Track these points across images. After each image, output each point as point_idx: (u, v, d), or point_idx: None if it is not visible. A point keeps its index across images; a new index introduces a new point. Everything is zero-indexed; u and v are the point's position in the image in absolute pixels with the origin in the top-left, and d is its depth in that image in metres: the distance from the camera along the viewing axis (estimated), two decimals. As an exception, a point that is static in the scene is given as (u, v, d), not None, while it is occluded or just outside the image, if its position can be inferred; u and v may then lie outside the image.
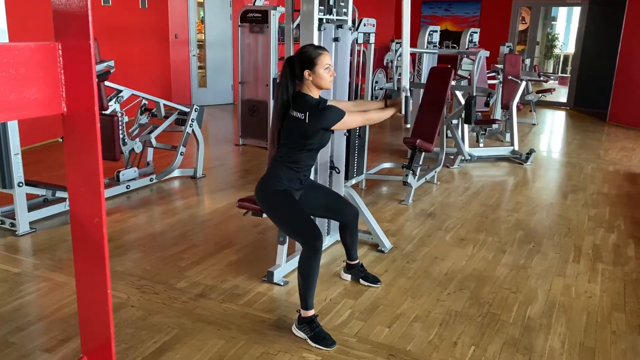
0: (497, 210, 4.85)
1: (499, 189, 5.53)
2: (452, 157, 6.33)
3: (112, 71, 4.49)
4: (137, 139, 5.13)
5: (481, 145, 6.76)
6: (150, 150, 5.58)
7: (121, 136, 4.90)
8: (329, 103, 2.88)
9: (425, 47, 6.33)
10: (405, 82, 2.91)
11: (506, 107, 7.11)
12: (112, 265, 3.50)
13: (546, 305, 3.18)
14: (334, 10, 3.44)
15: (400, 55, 6.13)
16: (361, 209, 3.87)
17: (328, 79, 2.74)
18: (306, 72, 2.71)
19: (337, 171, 3.69)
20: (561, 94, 12.58)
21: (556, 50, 16.95)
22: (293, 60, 2.74)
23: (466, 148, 6.36)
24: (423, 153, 5.09)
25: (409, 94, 2.93)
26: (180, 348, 2.64)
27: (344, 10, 3.52)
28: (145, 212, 4.59)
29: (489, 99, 5.32)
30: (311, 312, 2.74)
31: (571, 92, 11.83)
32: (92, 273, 1.19)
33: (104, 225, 1.18)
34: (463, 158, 6.26)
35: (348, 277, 3.39)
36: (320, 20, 3.34)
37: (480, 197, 5.21)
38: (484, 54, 5.71)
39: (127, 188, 4.99)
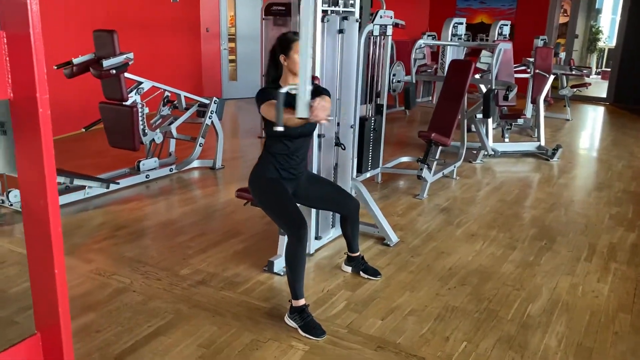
0: (514, 206, 4.75)
1: (520, 185, 5.41)
2: (475, 151, 6.22)
3: (130, 63, 4.60)
4: (158, 130, 5.25)
5: (506, 140, 6.61)
6: (172, 142, 5.70)
7: (141, 127, 5.02)
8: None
9: (449, 39, 6.23)
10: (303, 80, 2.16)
11: (535, 101, 6.93)
12: (121, 251, 3.61)
13: (548, 303, 3.11)
14: (340, 1, 3.43)
15: (418, 47, 6.07)
16: (367, 201, 3.87)
17: None
18: (282, 57, 2.73)
19: (343, 147, 3.66)
20: (602, 89, 12.16)
21: (600, 44, 16.36)
22: (274, 47, 2.77)
23: (490, 143, 6.24)
24: (440, 147, 5.03)
25: (283, 91, 2.29)
26: (173, 333, 2.70)
27: (351, 1, 3.51)
28: (161, 200, 4.71)
29: (508, 92, 5.20)
30: (302, 302, 2.77)
31: (611, 87, 11.42)
32: (41, 253, 1.24)
33: (50, 207, 1.23)
34: (486, 153, 6.14)
35: (349, 269, 3.40)
36: (325, 11, 3.34)
37: (498, 193, 5.11)
38: (504, 46, 5.58)
39: (146, 177, 5.12)
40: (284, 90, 2.28)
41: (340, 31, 3.45)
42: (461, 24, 6.37)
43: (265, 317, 2.87)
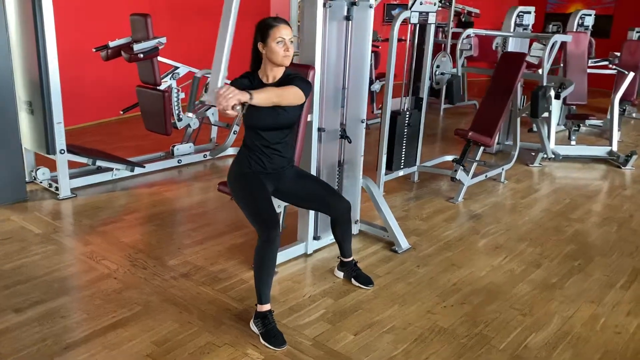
0: (558, 217, 4.25)
1: (575, 193, 4.84)
2: (533, 153, 5.67)
3: (160, 47, 4.60)
4: (194, 115, 5.24)
5: (573, 142, 5.97)
6: (214, 128, 5.69)
7: (176, 112, 5.04)
8: None
9: (512, 30, 5.70)
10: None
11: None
12: (120, 236, 3.61)
13: (556, 334, 2.70)
14: (350, -15, 3.17)
15: (465, 37, 5.58)
16: (378, 202, 3.60)
17: (281, 53, 2.52)
18: (260, 45, 2.54)
19: (349, 141, 3.41)
20: None
21: None
22: (255, 33, 2.58)
23: (551, 145, 5.66)
24: (481, 147, 4.60)
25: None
26: (133, 326, 2.63)
27: (364, -15, 3.22)
28: (184, 187, 4.69)
29: (560, 90, 4.64)
30: (266, 308, 2.59)
31: None
32: None
33: None
34: (545, 156, 5.58)
35: (341, 275, 3.17)
36: (330, -4, 3.09)
37: (546, 202, 4.61)
38: (561, 38, 4.98)
39: (178, 162, 5.14)
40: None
41: (347, 18, 3.19)
42: (528, 13, 5.79)
43: (232, 319, 2.72)
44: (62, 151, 4.12)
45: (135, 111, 5.23)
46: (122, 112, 5.14)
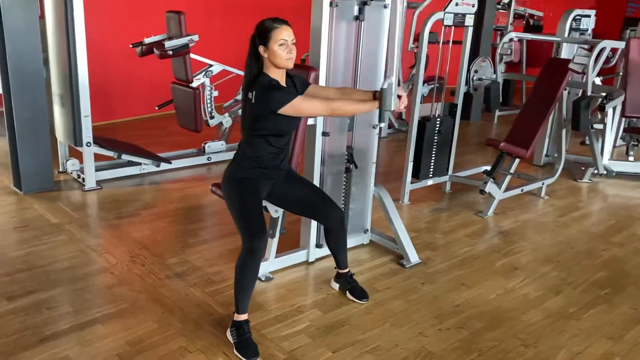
0: (595, 240, 3.89)
1: (623, 215, 4.43)
2: (583, 168, 5.26)
3: (191, 45, 4.62)
4: (227, 113, 5.25)
5: (631, 158, 5.47)
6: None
7: (209, 109, 5.06)
8: (310, 87, 2.60)
9: (567, 35, 5.31)
10: (391, 72, 2.39)
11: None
12: (131, 230, 3.64)
13: (557, 372, 2.45)
14: (362, -17, 3.02)
15: (507, 41, 5.22)
16: (389, 212, 3.42)
17: (284, 56, 2.41)
18: (261, 48, 2.43)
19: (355, 166, 3.29)
20: None
21: None
22: (253, 36, 2.48)
23: (604, 160, 5.23)
24: (516, 159, 4.29)
25: (386, 87, 2.41)
26: (113, 323, 2.62)
27: (377, -18, 3.06)
28: (208, 184, 4.68)
29: (604, 102, 4.23)
30: (242, 317, 2.50)
31: None
32: None
33: None
34: (596, 171, 5.16)
35: (337, 286, 3.03)
36: (339, -5, 2.96)
37: (585, 222, 4.24)
38: (611, 44, 4.55)
39: (208, 160, 5.16)
40: (385, 86, 2.41)
41: (357, 18, 3.04)
42: (587, 16, 5.35)
43: (212, 324, 2.66)
44: (89, 144, 4.22)
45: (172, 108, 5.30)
46: (157, 108, 5.21)
